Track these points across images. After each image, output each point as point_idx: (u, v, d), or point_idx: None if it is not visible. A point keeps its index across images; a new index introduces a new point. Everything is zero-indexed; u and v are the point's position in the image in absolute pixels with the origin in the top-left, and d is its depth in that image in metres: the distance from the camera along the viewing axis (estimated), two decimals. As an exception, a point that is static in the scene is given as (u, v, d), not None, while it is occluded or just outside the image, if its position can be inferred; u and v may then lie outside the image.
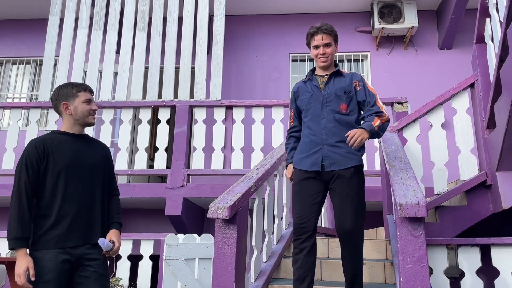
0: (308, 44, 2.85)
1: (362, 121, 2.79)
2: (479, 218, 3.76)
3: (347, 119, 2.73)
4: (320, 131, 2.72)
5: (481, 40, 4.08)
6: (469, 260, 3.27)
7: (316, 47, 2.78)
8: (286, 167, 2.98)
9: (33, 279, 2.13)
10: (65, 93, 2.43)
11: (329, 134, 2.70)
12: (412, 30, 6.50)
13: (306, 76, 2.91)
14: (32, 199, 2.24)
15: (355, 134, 2.54)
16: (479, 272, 3.25)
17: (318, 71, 2.87)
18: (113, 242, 2.35)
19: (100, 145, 2.56)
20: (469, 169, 3.92)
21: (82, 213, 2.30)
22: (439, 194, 3.86)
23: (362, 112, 2.83)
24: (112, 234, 2.40)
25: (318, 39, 2.77)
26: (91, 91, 2.49)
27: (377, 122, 2.65)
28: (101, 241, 2.27)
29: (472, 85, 4.08)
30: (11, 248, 2.17)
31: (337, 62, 2.96)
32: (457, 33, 6.52)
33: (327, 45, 2.77)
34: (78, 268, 2.25)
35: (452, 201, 4.06)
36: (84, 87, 2.45)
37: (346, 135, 2.57)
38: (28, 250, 2.19)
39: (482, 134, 3.89)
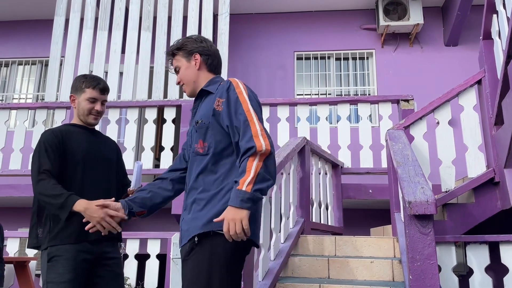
0: None
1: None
2: (487, 216, 3.74)
3: (203, 162, 1.82)
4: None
5: (488, 36, 4.05)
6: (477, 257, 3.25)
7: None
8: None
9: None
10: (75, 85, 2.30)
11: (187, 189, 1.88)
12: (417, 27, 6.47)
13: None
14: (55, 177, 2.09)
15: (228, 223, 1.62)
16: (487, 270, 3.24)
17: None
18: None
19: (110, 140, 2.49)
20: (477, 166, 3.90)
21: None
22: (446, 192, 3.84)
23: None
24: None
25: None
26: (102, 90, 2.29)
27: (249, 175, 1.64)
28: (137, 163, 2.17)
29: (479, 82, 4.06)
30: (65, 214, 2.02)
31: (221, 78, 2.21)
32: (463, 30, 6.48)
33: (176, 70, 2.04)
34: (96, 267, 2.17)
35: (460, 198, 4.04)
36: (94, 84, 2.27)
37: (215, 221, 1.69)
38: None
39: (489, 131, 3.87)
